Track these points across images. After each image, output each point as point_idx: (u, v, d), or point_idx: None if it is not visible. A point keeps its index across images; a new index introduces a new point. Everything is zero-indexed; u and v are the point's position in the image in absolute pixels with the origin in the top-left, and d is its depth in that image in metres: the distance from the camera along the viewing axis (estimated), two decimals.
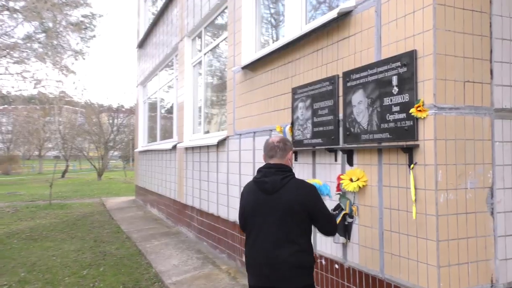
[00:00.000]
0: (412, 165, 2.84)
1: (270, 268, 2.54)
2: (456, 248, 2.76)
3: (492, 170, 2.91)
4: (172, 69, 10.35)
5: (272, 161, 2.73)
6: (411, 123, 2.85)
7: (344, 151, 3.48)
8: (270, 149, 2.74)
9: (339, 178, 3.47)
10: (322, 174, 3.83)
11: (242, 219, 2.80)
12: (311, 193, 2.64)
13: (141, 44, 13.72)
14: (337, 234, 3.49)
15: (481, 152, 2.87)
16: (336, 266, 3.69)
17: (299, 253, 2.55)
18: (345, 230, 3.49)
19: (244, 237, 2.81)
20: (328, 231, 2.77)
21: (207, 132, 7.79)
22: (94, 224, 10.01)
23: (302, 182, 2.71)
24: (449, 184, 2.75)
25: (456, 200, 2.77)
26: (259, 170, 2.72)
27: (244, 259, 2.81)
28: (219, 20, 7.31)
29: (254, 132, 5.28)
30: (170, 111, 11.32)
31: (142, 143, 13.95)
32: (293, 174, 2.71)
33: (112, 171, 38.34)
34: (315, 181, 3.52)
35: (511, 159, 2.98)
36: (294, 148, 4.27)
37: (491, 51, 2.93)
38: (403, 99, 2.92)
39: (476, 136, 2.86)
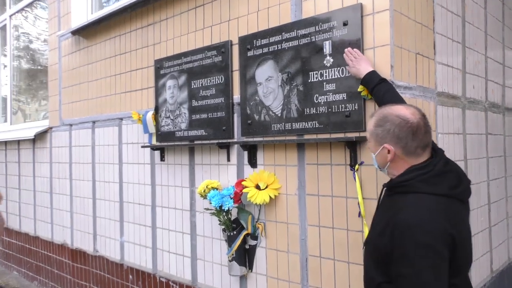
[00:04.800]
0: (357, 166, 2.03)
1: None
2: None
3: None
4: None
5: (428, 152, 1.44)
6: (356, 107, 2.03)
7: (245, 146, 2.48)
8: (425, 134, 1.40)
9: (239, 185, 2.46)
10: (205, 179, 2.74)
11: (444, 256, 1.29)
12: None
13: None
14: (234, 264, 2.49)
15: None
16: None
17: None
18: (246, 257, 2.51)
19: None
20: None
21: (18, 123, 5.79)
22: None
23: None
24: None
25: None
26: (433, 173, 1.36)
27: None
28: None
29: (94, 122, 3.83)
30: None
31: None
32: None
33: None
34: (213, 184, 2.51)
35: (449, 155, 2.44)
36: (161, 144, 3.09)
37: (433, 19, 2.32)
38: (342, 74, 2.08)
39: None
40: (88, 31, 3.86)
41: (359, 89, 1.97)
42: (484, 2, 2.98)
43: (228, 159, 2.64)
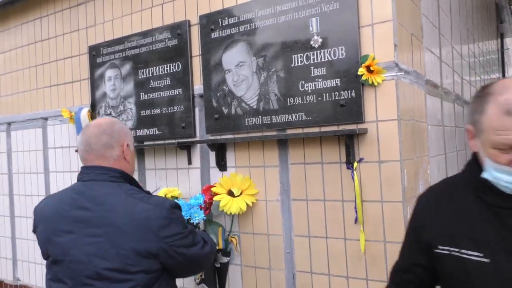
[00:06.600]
0: (355, 164, 1.73)
1: None
2: None
3: (429, 164, 2.10)
4: None
5: None
6: (352, 95, 1.73)
7: (213, 146, 2.07)
8: None
9: (207, 192, 2.04)
10: (160, 187, 2.29)
11: None
12: None
13: None
14: (203, 286, 2.07)
15: (423, 140, 2.02)
16: None
17: None
18: (215, 277, 2.10)
19: None
20: None
21: None
22: None
23: None
24: (411, 190, 1.76)
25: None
26: None
27: None
28: None
29: (9, 123, 3.17)
30: None
31: None
32: None
33: None
34: (173, 193, 2.09)
35: (436, 149, 2.25)
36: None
37: None
38: (333, 56, 1.77)
39: (420, 116, 1.98)
40: None
41: (359, 72, 1.67)
42: None
43: (190, 162, 2.21)
